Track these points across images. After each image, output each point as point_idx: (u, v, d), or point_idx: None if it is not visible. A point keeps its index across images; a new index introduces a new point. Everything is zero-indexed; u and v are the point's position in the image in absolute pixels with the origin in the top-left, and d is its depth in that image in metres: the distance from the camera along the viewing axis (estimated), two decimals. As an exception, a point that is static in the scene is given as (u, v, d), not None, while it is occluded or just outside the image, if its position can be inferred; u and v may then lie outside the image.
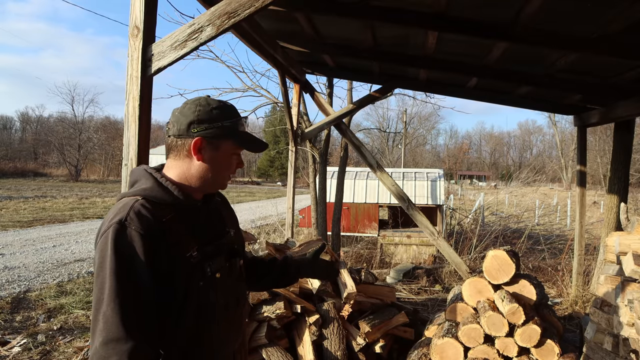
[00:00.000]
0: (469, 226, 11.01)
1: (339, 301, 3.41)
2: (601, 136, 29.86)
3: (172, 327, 1.12)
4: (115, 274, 1.02)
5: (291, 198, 5.39)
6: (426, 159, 55.88)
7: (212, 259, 1.22)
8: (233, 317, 1.31)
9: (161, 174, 1.23)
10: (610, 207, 5.34)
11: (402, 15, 3.26)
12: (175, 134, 1.21)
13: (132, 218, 1.08)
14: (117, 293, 1.01)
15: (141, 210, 1.10)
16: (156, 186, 1.18)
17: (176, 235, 1.13)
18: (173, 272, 1.10)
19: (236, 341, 1.35)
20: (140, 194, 1.16)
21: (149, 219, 1.09)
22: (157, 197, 1.16)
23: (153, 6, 2.15)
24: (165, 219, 1.13)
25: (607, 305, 2.64)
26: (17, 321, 4.82)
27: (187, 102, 1.24)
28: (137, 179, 1.23)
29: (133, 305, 1.03)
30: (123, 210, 1.10)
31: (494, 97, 5.61)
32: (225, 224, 1.37)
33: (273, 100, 7.79)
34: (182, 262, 1.13)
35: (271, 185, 47.14)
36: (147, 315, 1.05)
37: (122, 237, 1.05)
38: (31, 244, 9.15)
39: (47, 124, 49.31)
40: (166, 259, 1.09)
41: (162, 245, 1.09)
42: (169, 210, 1.16)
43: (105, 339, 0.99)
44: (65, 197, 20.34)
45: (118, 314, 1.00)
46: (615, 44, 3.11)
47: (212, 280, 1.20)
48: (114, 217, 1.09)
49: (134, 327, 1.01)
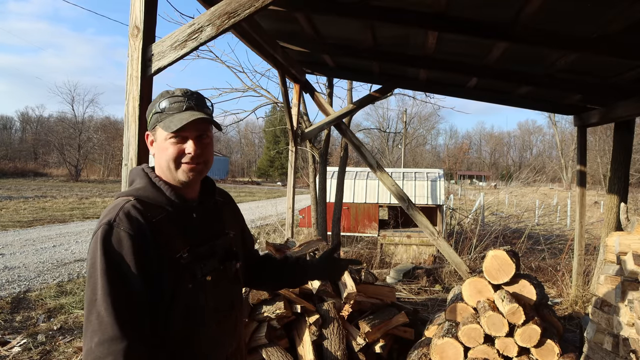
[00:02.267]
0: (469, 226, 11.00)
1: (339, 301, 3.41)
2: (601, 136, 29.85)
3: (160, 329, 1.11)
4: (106, 274, 1.03)
5: (291, 198, 5.39)
6: (426, 159, 55.85)
7: (205, 261, 1.20)
8: (226, 321, 1.29)
9: (155, 174, 1.23)
10: (610, 207, 5.34)
11: (402, 15, 3.26)
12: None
13: (121, 219, 1.08)
14: (109, 293, 1.02)
15: (131, 211, 1.10)
16: (149, 186, 1.19)
17: (166, 236, 1.13)
18: (161, 273, 1.10)
19: (230, 345, 1.32)
20: (133, 194, 1.17)
21: (138, 220, 1.10)
22: (149, 197, 1.17)
23: (153, 6, 2.15)
24: (155, 220, 1.13)
25: (607, 305, 2.64)
26: (17, 321, 4.82)
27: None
28: (134, 179, 1.25)
29: (126, 305, 1.03)
30: (113, 211, 1.11)
31: (494, 97, 5.61)
32: (224, 225, 1.34)
33: (273, 100, 7.80)
34: (171, 263, 1.12)
35: (271, 185, 47.11)
36: (140, 315, 1.05)
37: (110, 237, 1.06)
38: (31, 244, 9.14)
39: (47, 124, 49.30)
40: (155, 259, 1.09)
41: (151, 246, 1.09)
42: (161, 210, 1.16)
43: (100, 339, 0.99)
44: (65, 197, 20.33)
45: (112, 314, 1.00)
46: (615, 44, 3.11)
47: (201, 283, 1.18)
48: (104, 218, 1.10)
49: (127, 326, 1.02)
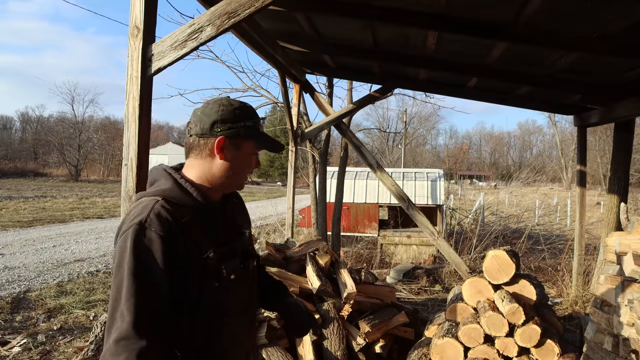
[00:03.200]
0: (469, 226, 11.01)
1: (339, 301, 3.41)
2: (601, 136, 29.84)
3: (187, 327, 1.13)
4: (133, 274, 1.03)
5: (291, 198, 5.39)
6: (426, 159, 55.85)
7: (228, 261, 1.23)
8: (245, 318, 1.33)
9: (180, 175, 1.23)
10: (610, 207, 5.34)
11: (402, 15, 3.26)
12: (197, 133, 1.22)
13: (152, 220, 1.09)
14: (133, 293, 1.02)
15: (161, 212, 1.11)
16: (175, 187, 1.19)
17: (194, 236, 1.14)
18: (190, 272, 1.12)
19: (248, 341, 1.37)
20: (160, 194, 1.17)
21: (168, 221, 1.10)
22: (176, 197, 1.17)
23: (153, 6, 2.15)
24: (184, 220, 1.14)
25: (607, 305, 2.64)
26: (17, 321, 4.82)
27: (209, 102, 1.25)
28: (156, 179, 1.24)
29: (148, 306, 1.04)
30: (144, 211, 1.11)
31: (494, 97, 5.61)
32: (241, 225, 1.38)
33: (273, 100, 7.79)
34: (199, 262, 1.14)
35: (271, 185, 47.14)
36: (162, 317, 1.06)
37: (141, 238, 1.06)
38: (31, 244, 9.14)
39: (47, 124, 49.39)
40: (185, 259, 1.10)
41: (180, 246, 1.10)
42: (188, 211, 1.16)
43: (118, 337, 1.00)
44: (65, 197, 20.34)
45: (132, 313, 1.01)
46: (615, 44, 3.11)
47: (227, 282, 1.21)
48: (134, 218, 1.10)
49: (147, 327, 1.02)
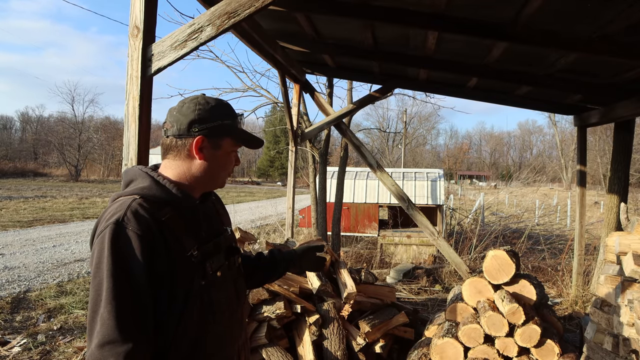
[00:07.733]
0: (469, 226, 11.01)
1: (339, 301, 3.41)
2: (601, 136, 29.84)
3: (174, 327, 1.10)
4: (112, 275, 1.00)
5: (291, 198, 5.39)
6: (426, 159, 55.87)
7: (212, 258, 1.21)
8: (235, 314, 1.32)
9: (157, 173, 1.20)
10: (610, 207, 5.34)
11: (402, 15, 3.26)
12: (175, 134, 1.19)
13: (129, 218, 1.05)
14: (114, 295, 1.00)
15: (139, 210, 1.07)
16: (154, 185, 1.15)
17: (176, 235, 1.11)
18: (173, 272, 1.09)
19: (239, 337, 1.35)
20: (138, 192, 1.13)
21: (146, 219, 1.06)
22: (155, 195, 1.13)
23: (153, 6, 2.15)
24: (164, 218, 1.10)
25: (607, 305, 2.64)
26: (17, 321, 4.82)
27: (185, 101, 1.22)
28: (132, 179, 1.19)
29: (130, 307, 1.01)
30: (120, 209, 1.07)
31: (494, 97, 5.61)
32: (222, 222, 1.37)
33: (273, 100, 7.79)
34: (183, 261, 1.11)
35: (271, 185, 47.13)
36: (144, 318, 1.04)
37: (119, 238, 1.03)
38: (31, 244, 9.14)
39: (47, 124, 49.40)
40: (166, 259, 1.07)
41: (160, 246, 1.07)
42: (168, 209, 1.13)
43: (102, 341, 0.98)
44: (65, 197, 20.33)
45: (115, 316, 0.99)
46: (615, 44, 3.11)
47: (213, 279, 1.20)
48: (111, 217, 1.06)
49: (130, 329, 1.00)
